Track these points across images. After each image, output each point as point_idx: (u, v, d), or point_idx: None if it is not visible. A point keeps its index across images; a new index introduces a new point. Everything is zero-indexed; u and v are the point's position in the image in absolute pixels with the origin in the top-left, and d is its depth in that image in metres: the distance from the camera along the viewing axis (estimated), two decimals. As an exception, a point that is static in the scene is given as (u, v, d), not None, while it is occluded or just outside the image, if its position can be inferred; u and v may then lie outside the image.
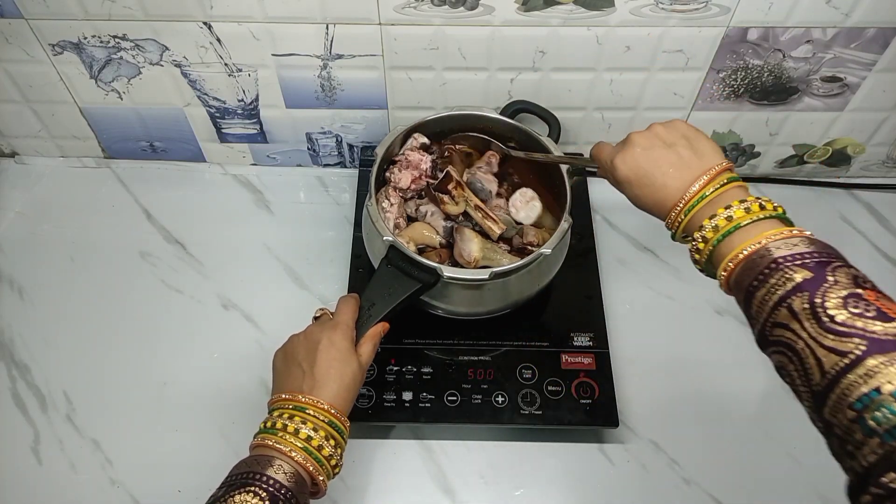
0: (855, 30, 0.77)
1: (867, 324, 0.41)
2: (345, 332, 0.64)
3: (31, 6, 0.77)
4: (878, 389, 0.38)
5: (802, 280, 0.45)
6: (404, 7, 0.75)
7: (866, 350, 0.40)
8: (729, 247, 0.51)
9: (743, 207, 0.52)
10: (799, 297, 0.44)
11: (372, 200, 0.72)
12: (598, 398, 0.74)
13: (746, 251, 0.49)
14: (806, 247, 0.47)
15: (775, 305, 0.46)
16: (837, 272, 0.45)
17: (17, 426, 0.76)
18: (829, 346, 0.41)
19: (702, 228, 0.53)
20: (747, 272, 0.49)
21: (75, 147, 0.97)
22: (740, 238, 0.51)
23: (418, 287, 0.69)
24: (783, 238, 0.49)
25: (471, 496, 0.72)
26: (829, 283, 0.44)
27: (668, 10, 0.75)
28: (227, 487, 0.54)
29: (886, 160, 0.96)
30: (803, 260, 0.46)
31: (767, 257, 0.48)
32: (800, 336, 0.43)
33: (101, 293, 0.86)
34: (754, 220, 0.51)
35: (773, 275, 0.47)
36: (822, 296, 0.43)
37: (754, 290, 0.48)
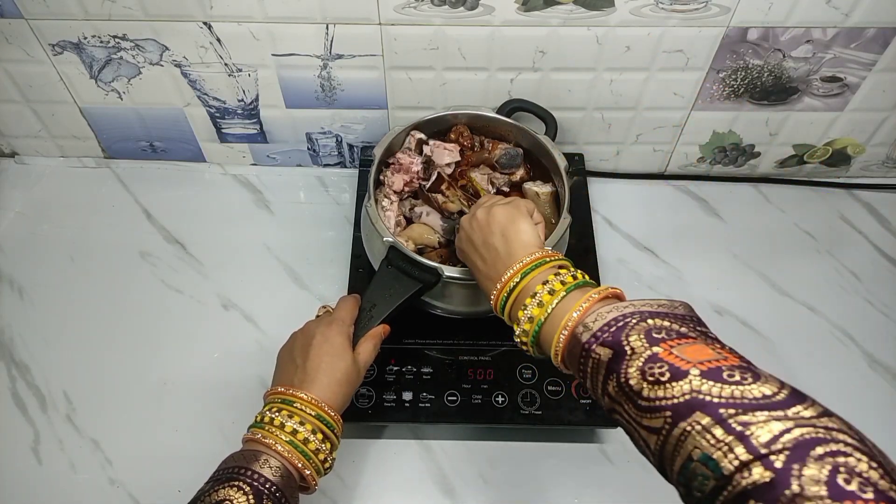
0: (855, 30, 0.77)
1: (666, 390, 0.40)
2: (340, 328, 0.64)
3: (31, 6, 0.77)
4: (690, 457, 0.38)
5: (607, 360, 0.45)
6: (404, 7, 0.75)
7: (672, 421, 0.39)
8: (548, 336, 0.52)
9: (547, 290, 0.53)
10: (611, 382, 0.44)
11: (371, 201, 0.72)
12: (598, 398, 0.74)
13: (562, 338, 0.50)
14: (603, 319, 0.47)
15: (602, 395, 0.46)
16: (631, 336, 0.45)
17: (17, 426, 0.76)
18: (646, 425, 0.41)
19: (519, 322, 0.54)
20: (572, 362, 0.49)
21: (75, 147, 0.97)
22: (553, 325, 0.51)
23: (419, 287, 0.69)
24: (583, 314, 0.49)
25: (471, 496, 0.72)
26: (627, 356, 0.44)
27: (668, 10, 0.75)
28: (213, 482, 0.54)
29: (886, 160, 0.96)
30: (603, 336, 0.46)
31: (578, 343, 0.48)
32: (627, 419, 0.43)
33: (101, 293, 0.86)
34: (560, 300, 0.52)
35: (587, 363, 0.47)
36: (625, 374, 0.43)
37: (583, 382, 0.48)
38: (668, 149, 0.95)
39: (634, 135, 0.92)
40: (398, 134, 0.79)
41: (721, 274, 0.88)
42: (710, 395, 0.38)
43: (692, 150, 0.95)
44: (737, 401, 0.37)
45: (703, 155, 0.96)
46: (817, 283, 0.88)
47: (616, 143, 0.94)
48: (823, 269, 0.90)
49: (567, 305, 0.51)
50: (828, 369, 0.81)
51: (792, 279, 0.88)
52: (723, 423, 0.37)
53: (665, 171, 0.99)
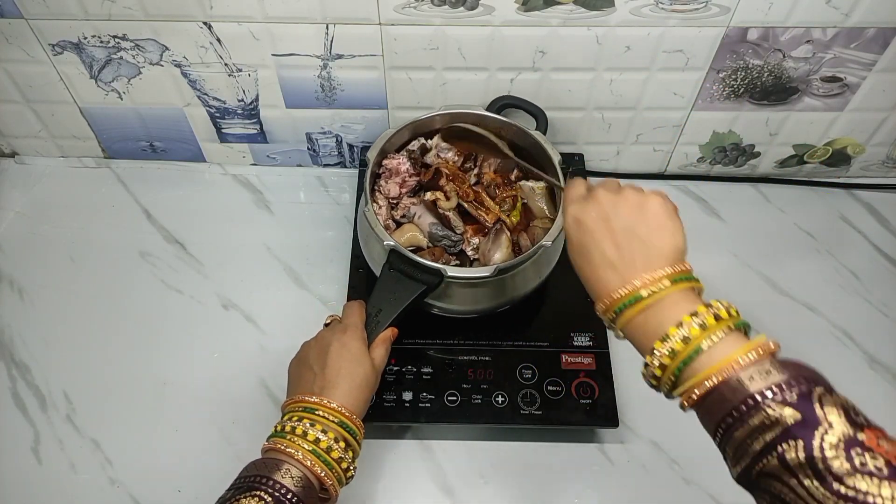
0: (855, 30, 0.77)
1: (877, 487, 0.36)
2: (355, 333, 0.64)
3: (31, 6, 0.77)
4: None
5: (793, 423, 0.40)
6: (404, 7, 0.75)
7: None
8: (690, 372, 0.45)
9: (697, 323, 0.46)
10: (792, 447, 0.39)
11: (369, 206, 0.72)
12: (598, 398, 0.74)
13: (712, 381, 0.43)
14: (780, 373, 0.42)
15: (763, 452, 0.40)
16: (826, 406, 0.40)
17: (17, 426, 0.76)
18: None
19: (653, 353, 0.47)
20: (718, 406, 0.43)
21: (75, 147, 0.97)
22: (702, 364, 0.45)
23: (423, 289, 0.69)
24: (753, 363, 0.43)
25: (471, 496, 0.72)
26: (823, 428, 0.39)
27: (668, 10, 0.75)
28: (234, 490, 0.54)
29: (886, 160, 0.96)
30: (783, 394, 0.41)
31: (741, 391, 0.42)
32: (798, 494, 0.38)
33: (101, 293, 0.86)
34: (715, 342, 0.45)
35: (752, 414, 0.41)
36: (819, 447, 0.38)
37: (730, 428, 0.42)
38: (668, 149, 0.95)
39: (634, 135, 0.92)
40: (391, 137, 0.79)
41: (721, 274, 0.88)
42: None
43: (692, 150, 0.95)
44: None
45: (703, 155, 0.96)
46: (817, 283, 0.88)
47: (616, 143, 0.94)
48: (823, 269, 0.90)
49: (724, 350, 0.45)
50: (828, 369, 0.80)
51: (792, 279, 0.88)
52: None
53: (665, 171, 0.99)
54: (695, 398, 0.45)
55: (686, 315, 0.46)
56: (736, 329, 0.47)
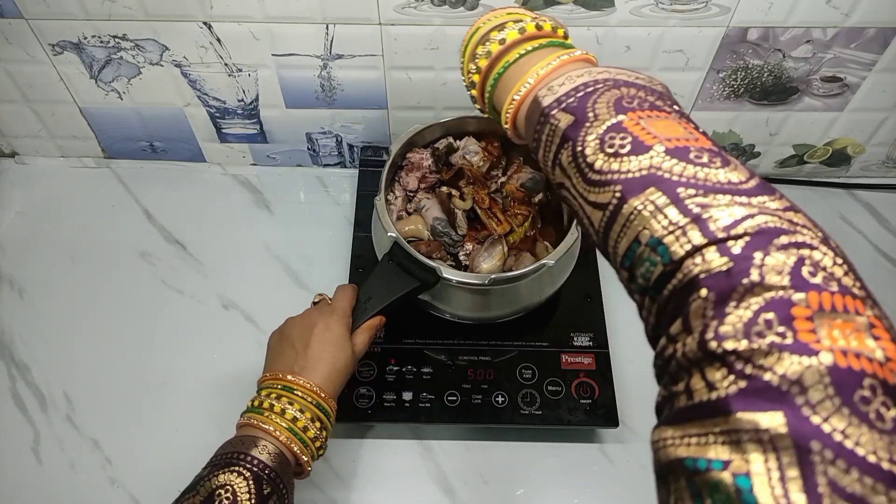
0: (855, 30, 0.77)
1: (623, 163, 0.35)
2: (341, 318, 0.64)
3: (31, 6, 0.77)
4: (638, 240, 0.33)
5: (566, 127, 0.39)
6: (404, 7, 0.75)
7: (621, 197, 0.35)
8: (505, 88, 0.45)
9: (517, 28, 0.46)
10: (566, 150, 0.39)
11: (381, 196, 0.72)
12: (598, 398, 0.74)
13: (517, 96, 0.43)
14: (571, 83, 0.41)
15: (553, 166, 0.40)
16: (598, 103, 0.39)
17: (17, 426, 0.76)
18: (592, 200, 0.36)
19: (475, 58, 0.47)
20: (528, 129, 0.43)
21: (75, 147, 0.97)
22: (515, 75, 0.44)
23: (417, 285, 0.68)
24: (551, 73, 0.42)
25: (471, 496, 0.72)
26: (588, 122, 0.38)
27: (668, 10, 0.75)
28: (211, 467, 0.54)
29: (886, 160, 0.96)
30: (567, 100, 0.40)
31: (538, 109, 0.41)
32: (573, 195, 0.38)
33: (101, 293, 0.86)
34: (532, 50, 0.45)
35: (543, 129, 0.41)
36: (582, 142, 0.38)
37: (536, 151, 0.42)
38: (668, 149, 0.95)
39: (634, 135, 0.92)
40: (420, 131, 0.78)
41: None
42: (670, 172, 0.34)
43: (692, 150, 0.95)
44: (699, 182, 0.33)
45: (703, 155, 0.96)
46: (817, 283, 0.88)
47: (616, 143, 0.94)
48: (823, 269, 0.90)
49: (530, 62, 0.45)
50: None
51: (792, 279, 0.88)
52: (679, 202, 0.33)
53: (665, 171, 0.99)
54: (511, 120, 0.45)
55: (494, 31, 0.47)
56: (544, 47, 0.46)
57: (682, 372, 0.30)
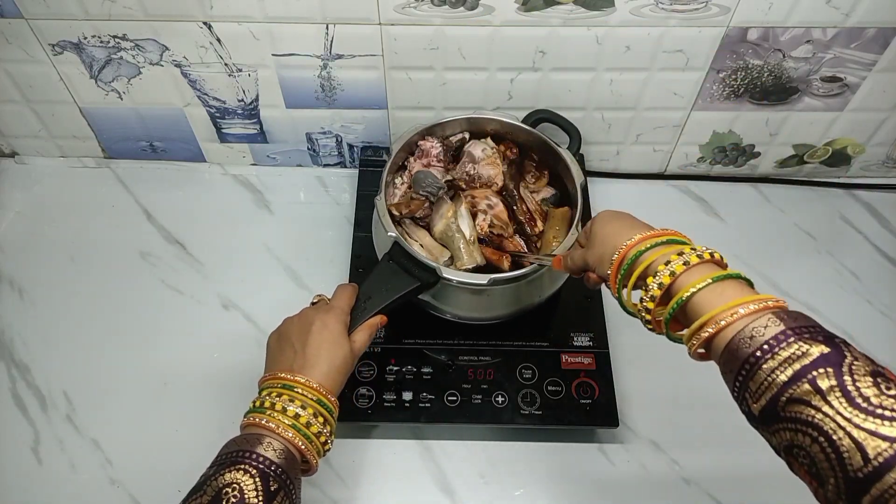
0: (855, 30, 0.77)
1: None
2: (338, 316, 0.65)
3: (31, 6, 0.77)
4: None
5: (820, 355, 0.42)
6: (404, 7, 0.75)
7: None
8: (699, 308, 0.49)
9: (682, 261, 0.50)
10: (823, 373, 0.41)
11: (381, 195, 0.72)
12: (598, 398, 0.74)
13: (735, 315, 0.46)
14: (804, 319, 0.45)
15: (792, 380, 0.42)
16: (850, 347, 0.43)
17: (17, 426, 0.76)
18: (870, 429, 0.38)
19: (647, 289, 0.51)
20: (744, 344, 0.45)
21: (75, 147, 0.97)
22: (712, 298, 0.48)
23: (416, 286, 0.69)
24: (766, 308, 0.46)
25: (471, 496, 0.72)
26: (850, 359, 0.41)
27: (668, 10, 0.75)
28: (217, 466, 0.54)
29: (886, 160, 0.96)
30: (811, 333, 0.44)
31: (771, 328, 0.44)
32: (828, 415, 0.39)
33: (101, 293, 0.86)
34: (719, 279, 0.49)
35: (783, 348, 0.43)
36: (849, 373, 0.40)
37: (758, 362, 0.44)
38: (669, 149, 0.95)
39: (634, 135, 0.92)
40: (416, 133, 0.79)
41: (721, 274, 0.88)
42: None
43: (692, 150, 0.95)
44: None
45: (703, 155, 0.96)
46: (817, 283, 0.88)
47: (616, 143, 0.94)
48: (823, 269, 0.90)
49: (737, 288, 0.49)
50: (828, 369, 0.81)
51: (792, 279, 0.88)
52: None
53: (665, 171, 0.99)
54: (712, 332, 0.47)
55: (675, 255, 0.51)
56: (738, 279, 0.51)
57: None
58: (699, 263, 0.51)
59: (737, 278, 0.51)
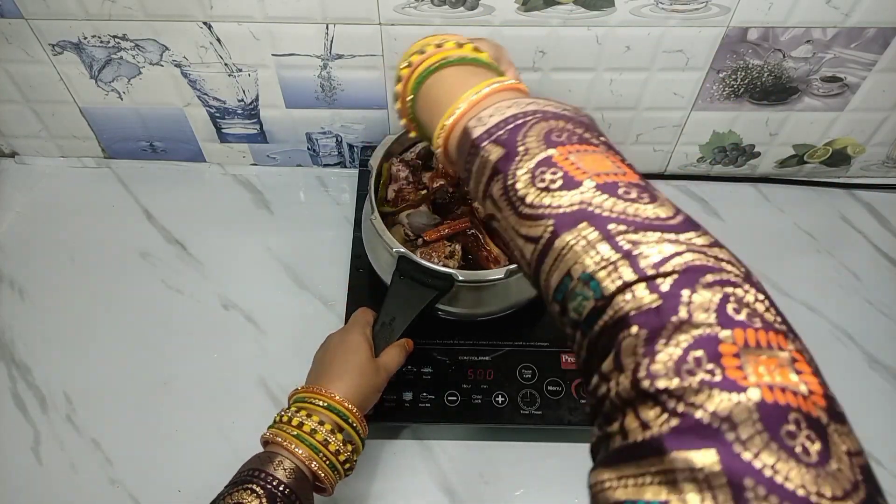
0: (855, 30, 0.77)
1: (554, 198, 0.36)
2: (355, 328, 0.66)
3: (31, 6, 0.77)
4: (570, 274, 0.34)
5: (497, 160, 0.39)
6: (404, 7, 0.75)
7: (553, 231, 0.35)
8: (428, 114, 0.47)
9: (434, 43, 0.47)
10: (496, 183, 0.39)
11: (375, 214, 0.72)
12: (598, 398, 0.74)
13: (448, 122, 0.44)
14: (501, 115, 0.41)
15: (483, 198, 0.41)
16: (528, 136, 0.39)
17: (17, 426, 0.76)
18: (524, 233, 0.37)
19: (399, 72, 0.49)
20: (459, 157, 0.43)
21: (75, 147, 0.97)
22: (442, 95, 0.46)
23: (435, 295, 0.68)
24: (482, 100, 0.43)
25: (471, 496, 0.72)
26: (518, 156, 0.38)
27: (668, 10, 0.75)
28: (231, 485, 0.54)
29: (886, 160, 0.96)
30: (498, 132, 0.40)
31: (467, 139, 0.42)
32: (504, 227, 0.39)
33: (101, 293, 0.86)
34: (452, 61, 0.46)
35: (474, 161, 0.41)
36: (513, 175, 0.38)
37: (467, 182, 0.43)
38: (668, 149, 0.95)
39: (634, 135, 0.92)
40: (393, 142, 0.79)
41: (721, 274, 0.88)
42: (601, 208, 0.34)
43: (692, 150, 0.95)
44: (629, 218, 0.34)
45: (703, 155, 0.96)
46: (817, 283, 0.88)
47: (616, 142, 0.94)
48: (823, 269, 0.90)
49: (456, 80, 0.46)
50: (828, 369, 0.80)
51: (792, 279, 0.88)
52: (610, 239, 0.33)
53: (665, 171, 0.99)
54: (443, 146, 0.45)
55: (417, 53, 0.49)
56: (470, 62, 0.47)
57: (616, 412, 0.31)
58: (451, 50, 0.47)
59: (478, 63, 0.47)
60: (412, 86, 0.48)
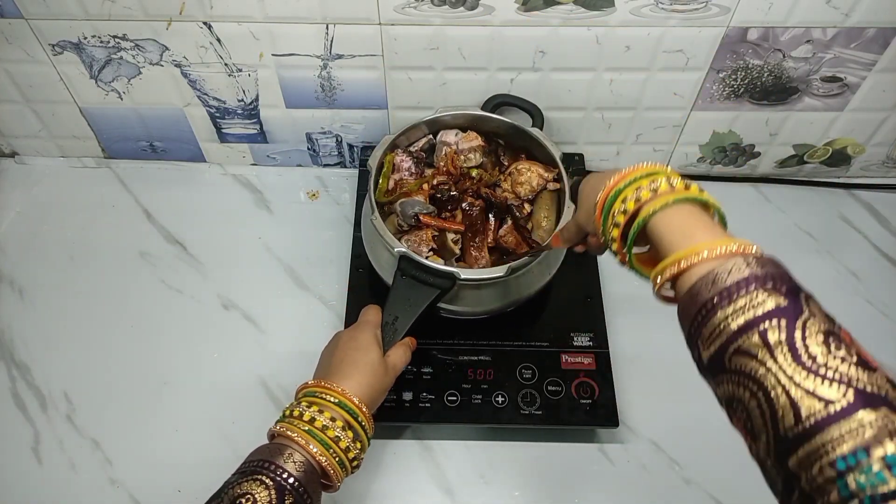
0: (855, 30, 0.77)
1: (852, 370, 0.36)
2: (365, 328, 0.66)
3: (31, 6, 0.77)
4: (867, 450, 0.34)
5: (776, 307, 0.40)
6: (404, 7, 0.75)
7: (853, 402, 0.35)
8: (662, 237, 0.47)
9: (651, 188, 0.48)
10: (774, 326, 0.39)
11: (375, 214, 0.72)
12: (598, 398, 0.74)
13: (701, 256, 0.44)
14: (773, 267, 0.43)
15: (743, 329, 0.40)
16: (811, 303, 0.40)
17: (17, 426, 0.76)
18: (808, 388, 0.36)
19: (613, 216, 0.50)
20: (705, 285, 0.43)
21: (75, 147, 0.97)
22: (675, 225, 0.47)
23: (437, 293, 0.69)
24: (737, 252, 0.44)
25: (471, 496, 0.72)
26: (805, 315, 0.39)
27: (668, 10, 0.75)
28: (238, 474, 0.54)
29: (886, 160, 0.96)
30: (774, 284, 0.41)
31: (735, 272, 0.42)
32: (770, 370, 0.38)
33: (101, 293, 0.86)
34: (674, 201, 0.47)
35: (741, 295, 0.41)
36: (801, 329, 0.38)
37: (714, 308, 0.42)
38: (669, 149, 0.95)
39: (634, 135, 0.92)
40: (389, 143, 0.79)
41: (721, 274, 0.88)
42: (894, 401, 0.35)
43: (692, 150, 0.95)
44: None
45: (703, 155, 0.96)
46: (817, 283, 0.87)
47: (616, 142, 0.94)
48: (823, 269, 0.90)
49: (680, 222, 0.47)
50: (828, 369, 0.81)
51: (792, 279, 0.88)
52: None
53: (665, 171, 0.99)
54: (675, 271, 0.46)
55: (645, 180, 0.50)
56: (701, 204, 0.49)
57: None
58: (668, 193, 0.48)
59: (699, 202, 0.49)
60: (634, 229, 0.49)
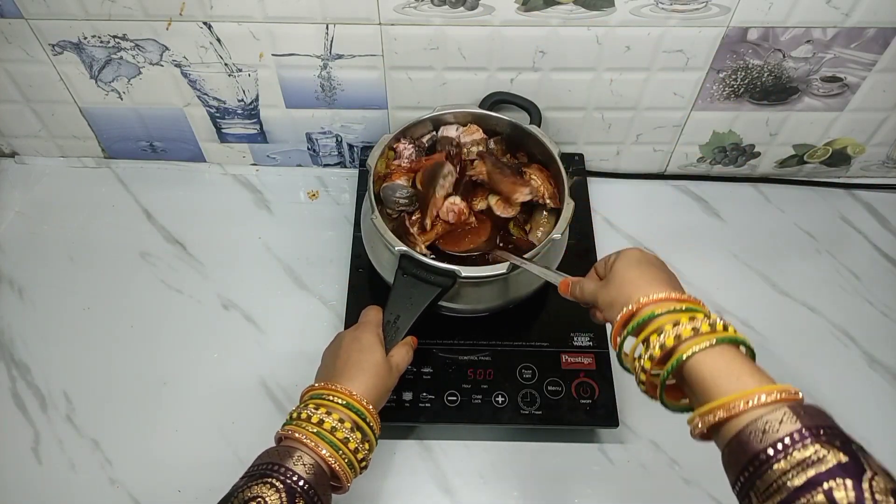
0: (855, 30, 0.77)
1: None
2: (367, 328, 0.66)
3: (31, 6, 0.77)
4: None
5: (837, 463, 0.39)
6: (404, 7, 0.75)
7: None
8: (698, 377, 0.47)
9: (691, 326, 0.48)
10: (840, 485, 0.39)
11: (375, 213, 0.72)
12: (598, 398, 0.74)
13: (748, 404, 0.44)
14: (822, 418, 0.42)
15: (805, 487, 0.39)
16: (869, 459, 0.40)
17: (17, 426, 0.76)
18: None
19: (648, 347, 0.49)
20: (755, 434, 0.43)
21: (75, 147, 0.97)
22: (714, 369, 0.47)
23: (438, 292, 0.69)
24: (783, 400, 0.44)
25: (471, 496, 0.72)
26: (869, 474, 0.39)
27: (668, 10, 0.75)
28: (247, 478, 0.54)
29: (886, 160, 0.96)
30: (828, 436, 0.41)
31: (787, 423, 0.42)
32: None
33: (101, 293, 0.86)
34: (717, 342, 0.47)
35: (797, 448, 0.41)
36: (869, 490, 0.38)
37: (770, 459, 0.41)
38: (669, 149, 0.95)
39: (634, 135, 0.92)
40: (388, 142, 0.79)
41: (721, 274, 0.88)
42: None
43: (692, 150, 0.95)
44: None
45: (703, 155, 0.96)
46: (817, 283, 0.88)
47: (616, 143, 0.94)
48: (823, 269, 0.90)
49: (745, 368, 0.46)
50: (827, 369, 0.81)
51: (792, 279, 0.88)
52: None
53: (665, 171, 0.99)
54: (723, 417, 0.45)
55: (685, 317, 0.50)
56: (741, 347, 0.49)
57: None
58: (709, 333, 0.48)
59: (737, 343, 0.48)
60: (670, 366, 0.48)
